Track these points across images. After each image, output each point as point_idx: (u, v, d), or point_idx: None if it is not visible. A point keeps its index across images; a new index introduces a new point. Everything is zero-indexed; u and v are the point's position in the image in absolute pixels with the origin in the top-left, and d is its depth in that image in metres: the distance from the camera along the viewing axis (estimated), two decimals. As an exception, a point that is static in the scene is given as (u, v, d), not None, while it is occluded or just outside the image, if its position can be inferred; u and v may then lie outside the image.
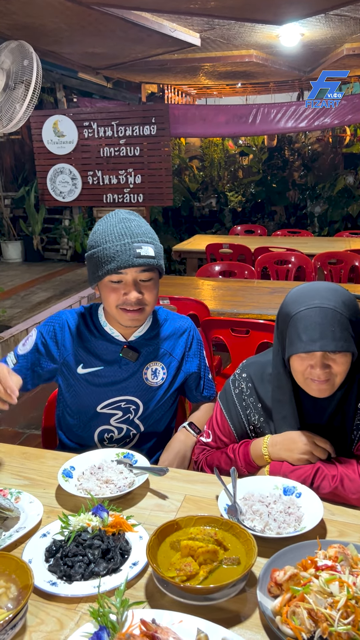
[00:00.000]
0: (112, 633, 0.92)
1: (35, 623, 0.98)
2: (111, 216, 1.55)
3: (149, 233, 1.53)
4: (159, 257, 1.53)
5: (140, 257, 1.47)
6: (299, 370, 1.34)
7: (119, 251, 1.46)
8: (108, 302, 1.55)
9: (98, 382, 1.65)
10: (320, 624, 0.93)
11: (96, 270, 1.52)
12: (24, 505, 1.31)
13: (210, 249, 5.54)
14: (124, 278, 1.50)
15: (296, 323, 1.31)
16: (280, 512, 1.24)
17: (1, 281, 5.95)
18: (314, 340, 1.27)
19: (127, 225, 1.50)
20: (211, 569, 1.05)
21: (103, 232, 1.51)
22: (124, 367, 1.65)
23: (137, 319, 1.57)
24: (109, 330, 1.64)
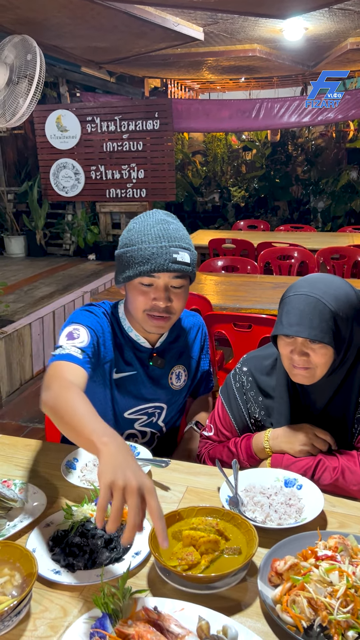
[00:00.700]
0: (114, 620, 0.93)
1: (39, 610, 1.00)
2: (149, 215, 1.48)
3: (186, 238, 1.46)
4: (193, 265, 1.47)
5: (176, 262, 1.40)
6: (283, 354, 1.37)
7: (154, 254, 1.39)
8: (135, 305, 1.49)
9: (129, 389, 1.60)
10: (320, 612, 0.95)
11: (127, 270, 1.45)
12: (27, 496, 1.33)
13: (213, 244, 5.54)
14: (155, 282, 1.44)
15: (284, 306, 1.35)
16: (281, 503, 1.26)
17: (4, 276, 5.96)
18: (291, 324, 1.30)
19: (165, 227, 1.42)
20: (212, 558, 1.06)
21: (139, 231, 1.43)
22: (151, 374, 1.62)
23: (162, 327, 1.51)
24: (135, 337, 1.58)
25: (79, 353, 1.38)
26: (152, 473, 1.44)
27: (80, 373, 1.34)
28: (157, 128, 6.75)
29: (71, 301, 5.13)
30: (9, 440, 1.65)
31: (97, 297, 3.46)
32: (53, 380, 1.28)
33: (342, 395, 1.40)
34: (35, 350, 4.51)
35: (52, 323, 4.80)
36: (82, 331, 1.45)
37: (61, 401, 1.17)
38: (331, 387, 1.40)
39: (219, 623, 0.94)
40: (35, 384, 4.39)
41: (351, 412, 1.41)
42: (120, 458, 0.95)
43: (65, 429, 1.13)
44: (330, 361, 1.32)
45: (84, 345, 1.41)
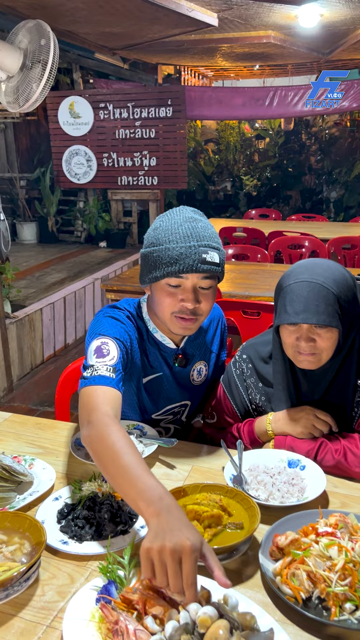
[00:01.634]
0: (120, 587, 0.97)
1: (47, 577, 1.04)
2: (176, 213, 1.42)
3: (215, 237, 1.40)
4: (222, 265, 1.41)
5: (205, 262, 1.34)
6: (287, 343, 1.38)
7: (183, 254, 1.33)
8: (162, 307, 1.43)
9: (157, 391, 1.59)
10: (319, 585, 0.98)
11: (154, 271, 1.39)
12: (37, 471, 1.37)
13: (224, 232, 5.54)
14: (183, 283, 1.38)
15: (285, 295, 1.35)
16: (284, 482, 1.28)
17: (16, 262, 6.01)
18: (297, 312, 1.31)
19: (193, 225, 1.37)
20: (215, 532, 1.09)
21: (166, 230, 1.38)
22: (176, 374, 1.60)
23: (190, 329, 1.46)
24: (160, 338, 1.54)
25: (111, 372, 1.32)
26: (159, 452, 1.47)
27: (115, 397, 1.28)
28: (169, 115, 6.72)
29: (82, 287, 5.17)
30: (20, 418, 1.69)
31: (107, 284, 3.49)
32: (92, 412, 1.22)
33: (341, 380, 1.43)
34: (46, 335, 4.56)
35: (63, 309, 4.84)
36: (111, 345, 1.38)
37: (105, 447, 1.11)
38: (330, 372, 1.42)
39: (219, 592, 0.97)
40: (46, 368, 4.44)
41: (350, 396, 1.43)
42: (164, 525, 0.90)
43: (110, 479, 1.09)
44: (336, 344, 1.34)
45: (114, 362, 1.34)
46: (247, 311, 2.91)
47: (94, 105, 6.93)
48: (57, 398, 2.04)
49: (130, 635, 0.86)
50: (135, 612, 0.91)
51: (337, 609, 0.94)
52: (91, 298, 5.30)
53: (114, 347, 1.38)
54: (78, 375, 2.04)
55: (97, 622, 0.90)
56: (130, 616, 0.90)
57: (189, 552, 0.86)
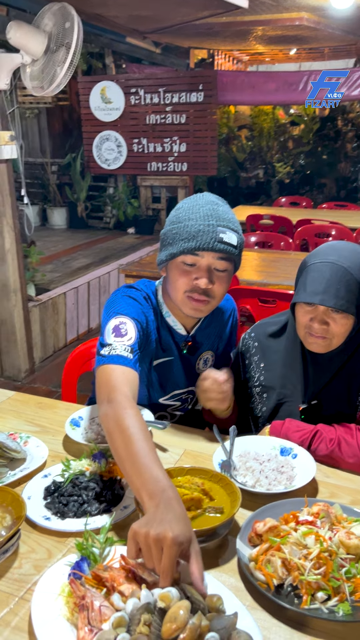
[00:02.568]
0: (92, 564, 0.98)
1: (26, 551, 1.06)
2: (199, 197, 1.45)
3: (235, 222, 1.42)
4: (239, 249, 1.42)
5: (222, 242, 1.35)
6: (300, 322, 1.36)
7: (201, 231, 1.35)
8: (176, 286, 1.43)
9: (166, 375, 1.60)
10: (292, 572, 0.96)
11: (171, 247, 1.41)
12: (31, 448, 1.39)
13: (251, 219, 5.48)
14: (198, 261, 1.38)
15: (307, 274, 1.33)
16: (272, 470, 1.27)
17: (45, 246, 6.09)
18: (316, 292, 1.28)
19: (214, 208, 1.39)
20: (194, 515, 1.09)
21: (188, 210, 1.40)
22: (184, 360, 1.61)
23: (201, 311, 1.45)
24: (172, 323, 1.54)
25: (129, 352, 1.32)
26: (154, 435, 1.47)
27: (133, 378, 1.29)
28: (200, 100, 6.66)
29: (106, 273, 5.20)
30: (22, 397, 1.72)
31: (126, 269, 3.50)
32: (112, 391, 1.22)
33: (349, 369, 1.40)
34: (70, 319, 4.62)
35: (87, 293, 4.89)
36: (129, 325, 1.39)
37: (119, 429, 1.12)
38: (338, 360, 1.39)
39: (192, 575, 0.97)
40: (68, 351, 4.49)
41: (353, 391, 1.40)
42: (158, 515, 0.91)
43: (118, 462, 1.10)
44: (349, 332, 1.32)
45: (132, 343, 1.35)
46: (264, 299, 2.87)
47: (125, 90, 6.92)
48: (64, 379, 2.06)
49: (95, 610, 0.87)
50: (104, 589, 0.92)
51: (309, 598, 0.93)
52: (115, 284, 5.33)
53: (132, 327, 1.38)
54: (86, 356, 2.07)
55: (66, 597, 0.91)
56: (99, 592, 0.91)
57: (169, 543, 0.86)
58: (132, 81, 6.91)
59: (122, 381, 1.25)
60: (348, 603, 0.92)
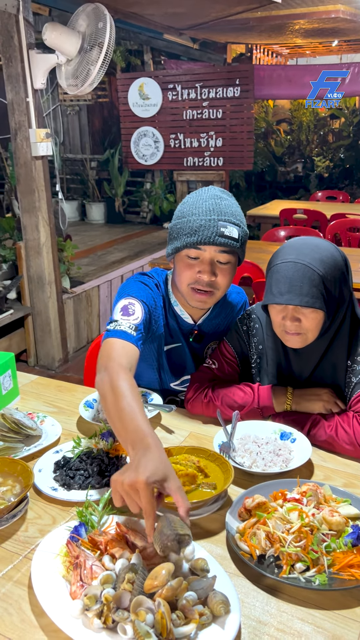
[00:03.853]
0: (90, 529, 1.06)
1: (33, 517, 1.16)
2: (204, 191, 1.50)
3: (238, 215, 1.46)
4: (241, 241, 1.46)
5: (223, 236, 1.41)
6: (275, 321, 1.40)
7: (202, 226, 1.41)
8: (181, 278, 1.50)
9: (175, 361, 1.66)
10: (275, 544, 1.02)
11: (175, 241, 1.47)
12: (46, 427, 1.49)
13: (285, 214, 5.47)
14: (201, 255, 1.44)
15: (272, 275, 1.37)
16: (269, 452, 1.33)
17: (82, 240, 6.25)
18: (282, 293, 1.32)
19: (217, 202, 1.44)
20: (188, 490, 1.16)
21: (191, 205, 1.46)
22: (193, 348, 1.67)
23: (205, 302, 1.51)
24: (179, 312, 1.61)
25: (133, 329, 1.39)
26: (162, 417, 1.55)
27: (132, 352, 1.36)
28: (237, 95, 6.66)
29: (140, 267, 5.31)
30: (44, 381, 1.83)
31: (155, 262, 3.59)
32: (108, 361, 1.30)
33: (329, 360, 1.43)
34: (103, 311, 4.75)
35: (120, 286, 5.00)
36: (137, 306, 1.46)
37: (110, 391, 1.19)
38: (317, 352, 1.43)
39: (180, 543, 1.04)
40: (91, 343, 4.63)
41: (341, 375, 1.43)
42: (134, 462, 0.98)
43: (110, 421, 1.17)
44: (321, 324, 1.36)
45: (138, 322, 1.42)
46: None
47: (162, 86, 6.99)
48: (86, 364, 2.17)
49: (86, 568, 0.95)
50: (98, 551, 1.01)
51: (288, 568, 0.99)
52: (149, 277, 5.44)
53: (139, 308, 1.46)
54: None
55: (63, 556, 1.00)
56: (93, 554, 0.99)
57: (142, 486, 0.92)
58: (169, 77, 6.97)
59: (121, 354, 1.32)
60: (325, 574, 0.97)
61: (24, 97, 3.52)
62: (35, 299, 3.96)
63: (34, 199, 3.69)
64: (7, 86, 3.54)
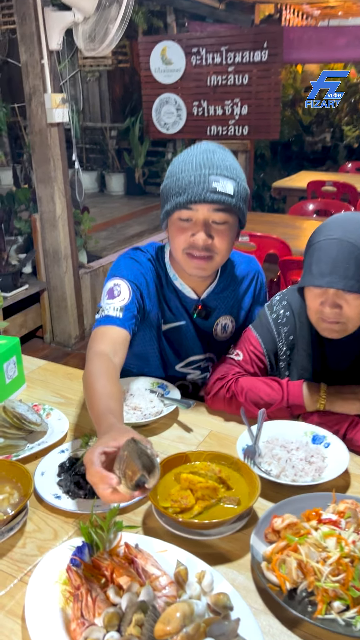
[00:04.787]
0: (95, 550, 0.93)
1: (32, 529, 1.03)
2: (195, 146, 1.35)
3: (233, 168, 1.30)
4: (239, 198, 1.29)
5: (215, 192, 1.25)
6: (311, 307, 1.23)
7: (192, 182, 1.26)
8: (175, 245, 1.35)
9: (178, 341, 1.53)
10: (308, 577, 0.88)
11: (166, 204, 1.33)
12: (52, 421, 1.36)
13: (312, 186, 5.23)
14: (194, 216, 1.29)
15: (312, 253, 1.20)
16: (300, 459, 1.17)
17: (101, 212, 6.08)
18: (323, 274, 1.16)
19: (208, 156, 1.29)
20: (208, 505, 1.02)
21: (181, 162, 1.32)
22: (198, 325, 1.52)
23: (204, 268, 1.36)
24: (180, 286, 1.47)
25: (119, 311, 1.32)
26: (180, 413, 1.41)
27: (116, 335, 1.29)
28: (265, 59, 6.32)
29: (159, 240, 5.13)
30: (52, 367, 1.69)
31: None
32: (87, 352, 1.27)
33: None
34: (121, 286, 4.59)
35: (140, 261, 4.84)
36: (123, 287, 1.37)
37: (85, 377, 1.19)
38: (358, 344, 1.26)
39: (198, 569, 0.90)
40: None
41: None
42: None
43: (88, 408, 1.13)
44: None
45: (125, 303, 1.34)
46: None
47: (186, 50, 6.66)
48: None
49: (88, 603, 0.82)
50: (103, 578, 0.87)
51: (324, 606, 0.84)
52: (169, 251, 5.26)
53: (125, 288, 1.37)
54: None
55: (62, 584, 0.87)
56: (97, 583, 0.86)
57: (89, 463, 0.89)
58: (193, 40, 6.64)
59: (101, 339, 1.28)
60: (368, 617, 0.83)
61: (38, 59, 3.31)
62: (51, 274, 3.82)
63: (49, 168, 3.52)
64: (21, 47, 3.34)
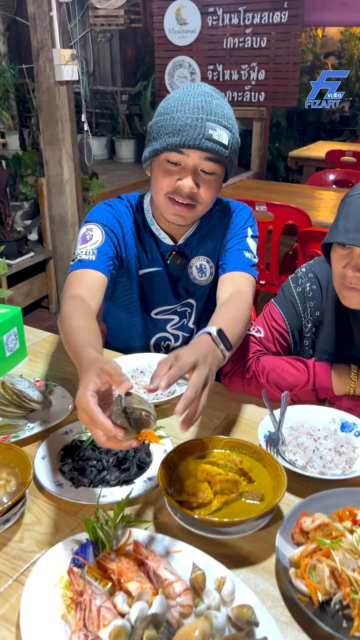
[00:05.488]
0: (101, 548, 0.82)
1: (30, 521, 0.92)
2: (193, 86, 1.27)
3: (229, 117, 1.25)
4: (232, 150, 1.25)
5: (210, 139, 1.20)
6: (335, 271, 1.12)
7: (188, 125, 1.19)
8: (157, 187, 1.28)
9: (154, 286, 1.48)
10: (343, 587, 0.77)
11: (155, 142, 1.25)
12: (55, 399, 1.25)
13: (331, 156, 5.02)
14: (183, 160, 1.23)
15: (342, 208, 1.09)
16: (329, 449, 1.06)
17: (110, 180, 5.89)
18: (347, 230, 1.04)
19: (207, 100, 1.22)
20: (228, 500, 0.91)
21: (177, 100, 1.23)
22: (173, 271, 1.46)
23: (184, 217, 1.30)
24: (156, 231, 1.42)
25: (92, 254, 1.29)
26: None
27: (89, 277, 1.25)
28: (284, 21, 6.02)
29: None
30: (56, 339, 1.57)
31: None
32: (62, 298, 1.24)
33: None
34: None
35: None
36: (95, 230, 1.34)
37: (62, 322, 1.12)
38: None
39: (216, 574, 0.80)
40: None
41: None
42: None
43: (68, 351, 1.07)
44: None
45: (98, 246, 1.31)
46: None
47: (202, 9, 6.36)
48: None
49: (92, 612, 0.71)
50: (109, 582, 0.77)
51: (362, 623, 0.74)
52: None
53: (98, 231, 1.34)
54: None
55: (63, 588, 0.77)
56: (102, 588, 0.75)
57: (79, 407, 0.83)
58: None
59: (75, 283, 1.23)
60: None
61: (47, 11, 3.11)
62: (57, 242, 3.69)
63: (57, 130, 3.35)
64: (29, -2, 3.14)
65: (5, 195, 3.46)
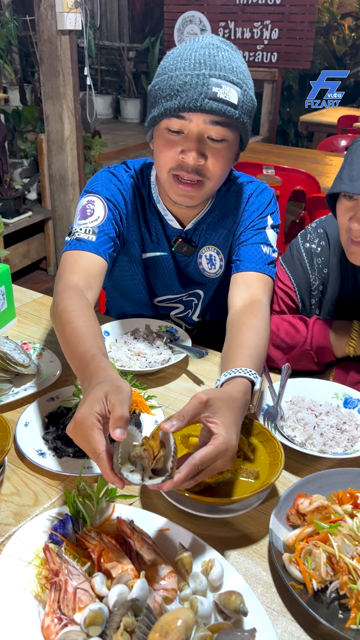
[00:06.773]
0: (81, 524, 0.77)
1: (8, 492, 0.86)
2: (197, 39, 1.05)
3: (240, 71, 1.03)
4: (243, 110, 1.04)
5: (215, 99, 0.99)
6: (341, 225, 1.06)
7: (187, 83, 0.99)
8: (160, 162, 1.10)
9: (160, 271, 1.32)
10: (340, 575, 0.71)
11: (153, 109, 1.07)
12: (43, 363, 1.18)
13: (343, 122, 4.84)
14: (186, 127, 1.03)
15: (347, 156, 1.01)
16: (331, 426, 0.99)
17: (114, 140, 5.72)
18: (352, 179, 0.97)
19: (212, 53, 1.01)
20: (222, 479, 0.84)
21: (176, 57, 1.04)
22: (179, 258, 1.30)
23: (191, 196, 1.12)
24: (162, 211, 1.24)
25: (92, 234, 1.14)
26: (190, 363, 1.22)
27: (88, 262, 1.11)
28: (301, -24, 5.76)
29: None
30: (48, 301, 1.50)
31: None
32: (58, 281, 1.08)
33: None
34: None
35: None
36: (97, 204, 1.18)
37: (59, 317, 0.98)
38: None
39: (205, 557, 0.74)
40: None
41: None
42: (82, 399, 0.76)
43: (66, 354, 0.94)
44: None
45: (98, 224, 1.15)
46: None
47: None
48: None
49: (67, 593, 0.66)
50: (88, 562, 0.71)
51: (359, 615, 0.68)
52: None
53: (100, 206, 1.18)
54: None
55: (38, 566, 0.71)
56: (81, 567, 0.70)
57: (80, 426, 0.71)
58: None
59: (72, 268, 1.10)
60: None
61: None
62: (56, 202, 3.57)
63: (58, 83, 3.20)
64: None
65: (4, 151, 3.34)
